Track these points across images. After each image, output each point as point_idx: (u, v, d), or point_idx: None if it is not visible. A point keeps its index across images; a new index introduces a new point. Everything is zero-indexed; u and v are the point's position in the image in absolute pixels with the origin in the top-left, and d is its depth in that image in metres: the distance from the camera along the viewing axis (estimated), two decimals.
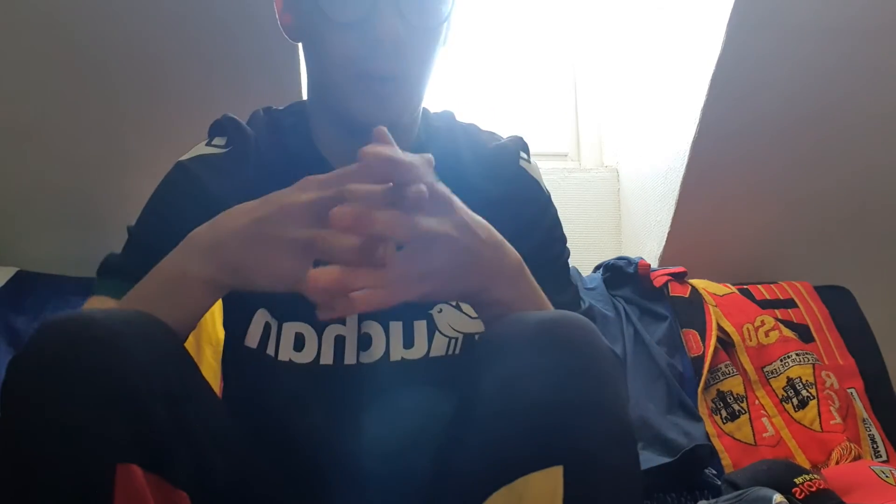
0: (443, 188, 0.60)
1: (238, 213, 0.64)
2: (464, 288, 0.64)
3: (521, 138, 0.89)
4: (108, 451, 0.51)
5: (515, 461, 0.54)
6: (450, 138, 0.85)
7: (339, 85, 0.73)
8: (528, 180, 0.85)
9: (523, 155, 0.87)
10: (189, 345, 1.34)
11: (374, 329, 0.77)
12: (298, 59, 1.43)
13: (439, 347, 0.77)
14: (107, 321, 0.56)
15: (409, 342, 0.77)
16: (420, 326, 0.77)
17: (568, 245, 0.87)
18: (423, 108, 0.85)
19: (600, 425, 0.54)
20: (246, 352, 0.78)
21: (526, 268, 0.68)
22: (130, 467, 0.52)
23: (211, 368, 1.33)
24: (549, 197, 0.87)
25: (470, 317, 0.79)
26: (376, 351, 0.76)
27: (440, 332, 0.78)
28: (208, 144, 0.83)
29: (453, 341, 0.78)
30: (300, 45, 0.82)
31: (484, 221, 0.64)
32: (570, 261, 0.88)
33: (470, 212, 0.63)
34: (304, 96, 0.85)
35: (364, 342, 0.77)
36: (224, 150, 0.81)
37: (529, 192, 0.85)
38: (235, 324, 0.80)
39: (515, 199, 0.82)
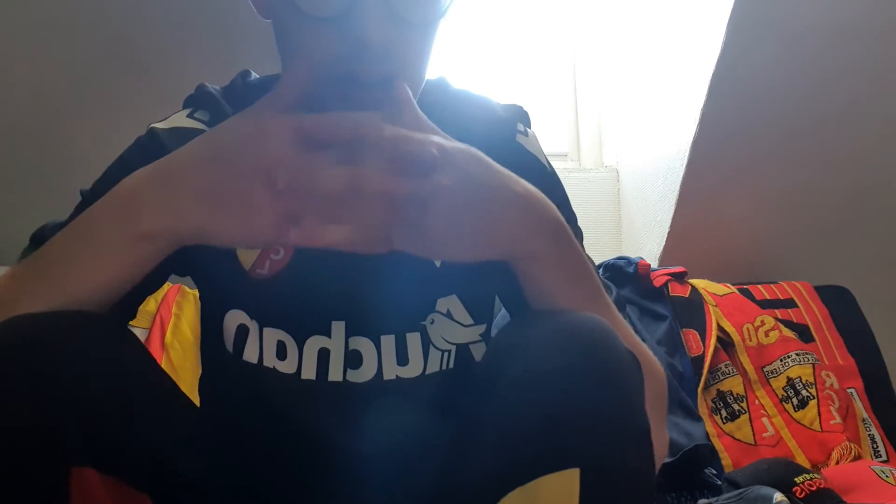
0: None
1: (194, 142, 0.57)
2: (492, 244, 0.59)
3: (519, 107, 0.78)
4: (61, 455, 0.49)
5: (530, 462, 0.52)
6: (440, 116, 0.72)
7: (313, 87, 0.60)
8: (525, 156, 0.75)
9: (521, 127, 0.76)
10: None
11: (364, 345, 0.70)
12: None
13: (434, 363, 0.71)
14: (50, 322, 0.53)
15: (402, 358, 0.71)
16: (413, 340, 0.71)
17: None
18: None
19: (618, 428, 0.53)
20: (223, 356, 0.71)
21: (567, 227, 0.63)
22: (85, 470, 0.49)
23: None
24: (552, 173, 0.77)
25: (462, 325, 0.73)
26: (368, 370, 0.70)
27: (434, 345, 0.72)
28: (190, 116, 0.73)
29: (446, 354, 0.72)
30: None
31: (504, 170, 0.59)
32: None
33: (488, 160, 0.58)
34: None
35: (353, 359, 0.70)
36: (205, 127, 0.72)
37: (527, 170, 0.71)
38: (208, 324, 0.74)
39: None
